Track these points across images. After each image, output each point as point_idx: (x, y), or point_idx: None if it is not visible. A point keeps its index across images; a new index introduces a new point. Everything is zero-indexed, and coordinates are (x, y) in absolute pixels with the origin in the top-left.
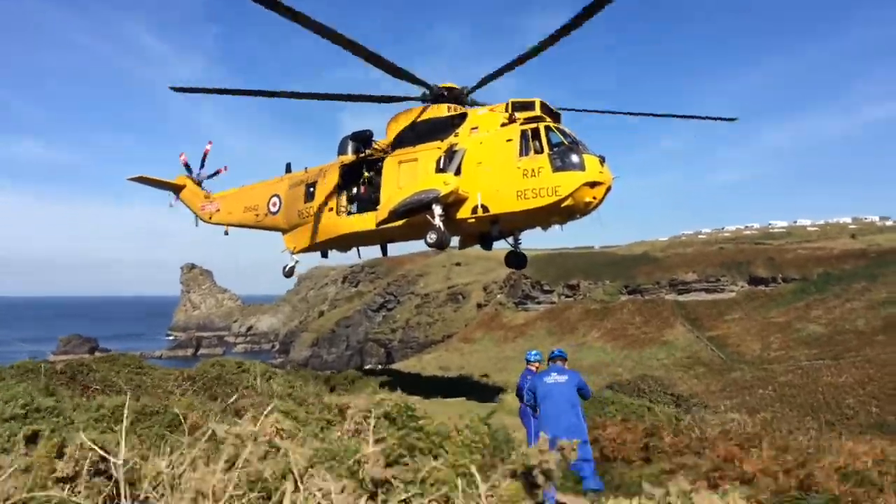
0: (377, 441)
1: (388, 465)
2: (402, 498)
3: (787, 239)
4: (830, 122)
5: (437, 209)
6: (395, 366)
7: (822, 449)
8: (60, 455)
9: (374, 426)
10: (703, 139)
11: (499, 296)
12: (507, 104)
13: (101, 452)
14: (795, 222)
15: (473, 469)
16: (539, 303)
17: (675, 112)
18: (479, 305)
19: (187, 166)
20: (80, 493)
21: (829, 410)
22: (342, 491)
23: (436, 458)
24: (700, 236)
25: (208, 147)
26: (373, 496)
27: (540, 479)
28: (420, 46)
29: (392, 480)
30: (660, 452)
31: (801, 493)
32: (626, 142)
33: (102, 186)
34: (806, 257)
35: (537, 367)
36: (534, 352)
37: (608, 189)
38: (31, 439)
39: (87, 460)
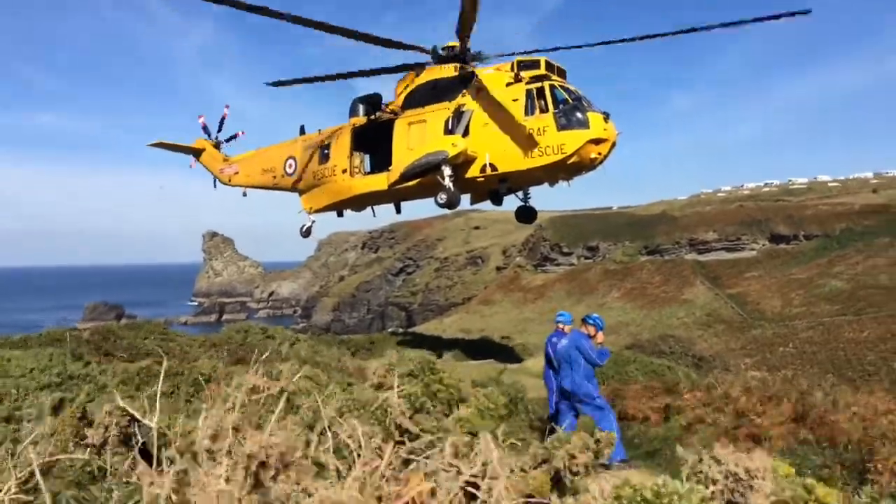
0: (401, 394)
1: (415, 411)
2: (426, 443)
3: (808, 195)
4: (850, 73)
5: (447, 170)
6: (416, 329)
7: (842, 403)
8: (89, 423)
9: (397, 380)
10: (716, 95)
11: (518, 258)
12: (513, 63)
13: (134, 414)
14: (816, 178)
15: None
16: (558, 265)
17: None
18: (499, 268)
19: (206, 129)
20: (107, 457)
21: (850, 367)
22: (371, 437)
23: (452, 411)
24: (719, 195)
25: (226, 111)
26: (398, 443)
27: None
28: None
29: (415, 429)
30: (679, 412)
31: (821, 446)
32: (635, 102)
33: (119, 155)
34: (827, 213)
35: (566, 329)
36: (561, 313)
37: (613, 145)
38: (58, 409)
39: (115, 425)
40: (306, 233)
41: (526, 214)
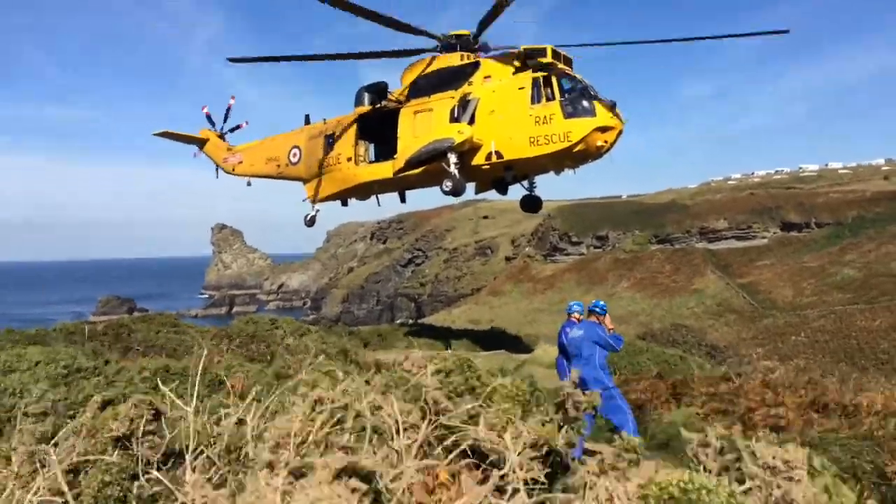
0: (436, 376)
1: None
2: (460, 421)
3: (819, 182)
4: (860, 60)
5: (452, 157)
6: (425, 320)
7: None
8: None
9: (433, 372)
10: (726, 82)
11: (527, 248)
12: (520, 51)
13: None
14: (826, 165)
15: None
16: (567, 254)
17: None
18: (508, 258)
19: (210, 118)
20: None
21: (862, 356)
22: (409, 413)
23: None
24: (729, 182)
25: (231, 101)
26: (431, 420)
27: (572, 411)
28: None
29: (451, 406)
30: (691, 402)
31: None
32: (646, 89)
33: (123, 146)
34: (838, 201)
35: (578, 319)
36: (574, 303)
37: (619, 133)
38: (102, 408)
39: (143, 419)
40: (310, 222)
41: (531, 204)
